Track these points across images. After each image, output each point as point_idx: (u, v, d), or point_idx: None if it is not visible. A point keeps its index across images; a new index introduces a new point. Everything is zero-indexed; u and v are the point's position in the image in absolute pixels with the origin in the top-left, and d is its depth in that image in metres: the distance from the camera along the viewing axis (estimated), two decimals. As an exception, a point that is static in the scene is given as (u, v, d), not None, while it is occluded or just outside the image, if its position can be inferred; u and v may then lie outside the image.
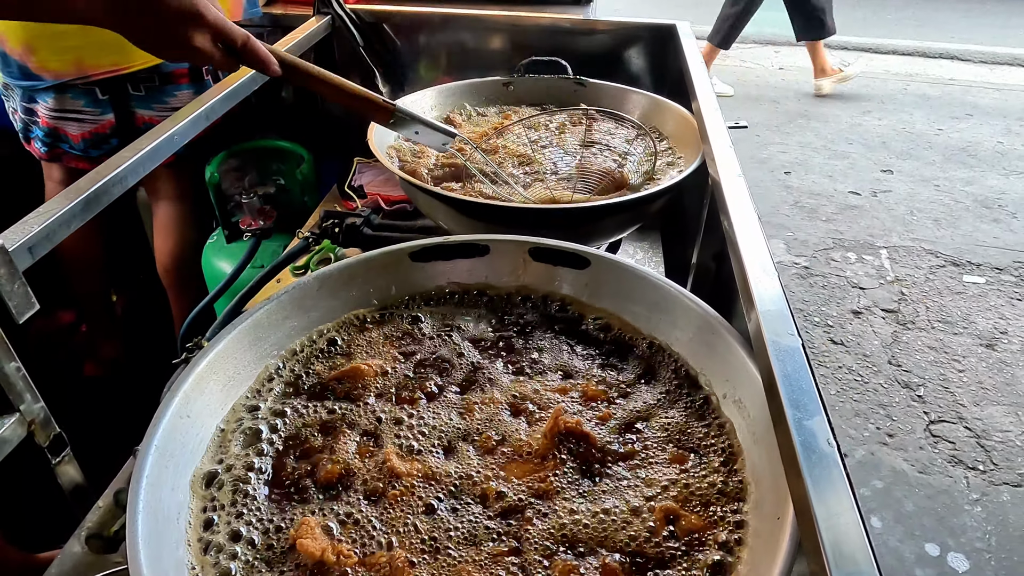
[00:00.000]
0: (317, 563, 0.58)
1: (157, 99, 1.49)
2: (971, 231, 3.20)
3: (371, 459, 0.68)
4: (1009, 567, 1.73)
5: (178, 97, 1.52)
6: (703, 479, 0.65)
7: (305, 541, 0.59)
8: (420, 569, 0.58)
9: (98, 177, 0.87)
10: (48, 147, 1.48)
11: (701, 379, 0.75)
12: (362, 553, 0.60)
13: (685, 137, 1.28)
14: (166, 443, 0.62)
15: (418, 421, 0.72)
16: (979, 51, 5.75)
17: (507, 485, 0.65)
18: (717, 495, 0.64)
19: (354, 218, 1.36)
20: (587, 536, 0.61)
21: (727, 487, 0.64)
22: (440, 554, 0.60)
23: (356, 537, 0.61)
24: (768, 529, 0.57)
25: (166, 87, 1.49)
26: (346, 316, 0.85)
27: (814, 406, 0.56)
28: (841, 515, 0.47)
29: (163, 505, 0.59)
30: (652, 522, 0.61)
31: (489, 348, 0.82)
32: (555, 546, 0.60)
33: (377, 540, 0.61)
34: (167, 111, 1.51)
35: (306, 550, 0.59)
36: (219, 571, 0.58)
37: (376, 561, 0.59)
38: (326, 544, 0.59)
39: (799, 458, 0.51)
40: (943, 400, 2.23)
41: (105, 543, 0.77)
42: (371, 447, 0.70)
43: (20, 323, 0.72)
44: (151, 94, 1.48)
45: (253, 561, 0.59)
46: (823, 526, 0.47)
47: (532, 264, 0.89)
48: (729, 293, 0.87)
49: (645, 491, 0.64)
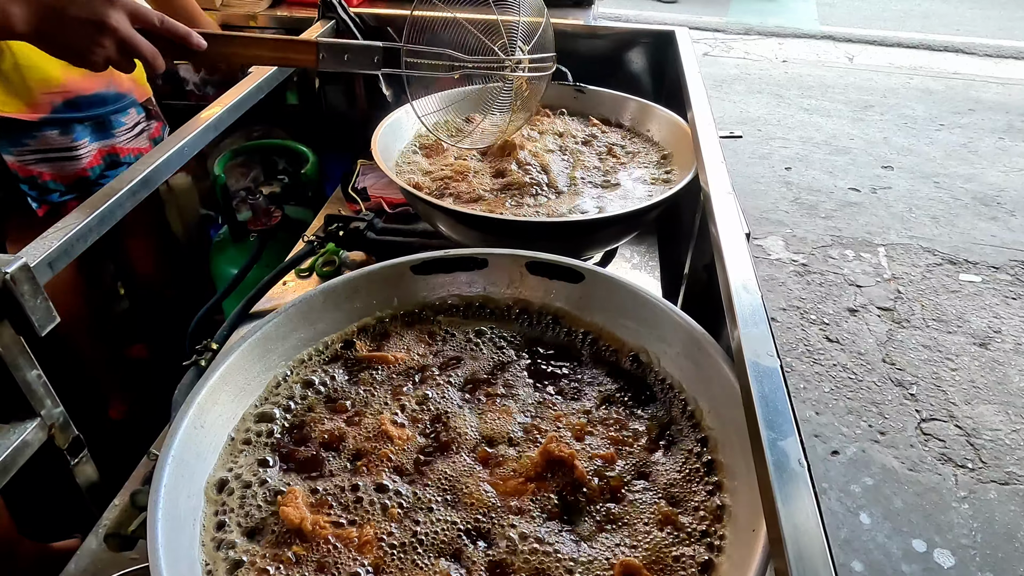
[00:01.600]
0: (295, 529, 0.65)
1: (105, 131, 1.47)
2: (969, 229, 3.23)
3: (362, 426, 0.76)
4: (994, 563, 1.78)
5: (39, 139, 1.40)
6: (681, 543, 0.66)
7: (287, 509, 0.66)
8: (384, 551, 0.64)
9: (111, 192, 0.91)
10: (37, 201, 1.40)
11: (687, 395, 0.79)
12: (335, 526, 0.66)
13: (681, 146, 1.31)
14: (182, 453, 0.66)
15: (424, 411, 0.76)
16: (984, 44, 5.73)
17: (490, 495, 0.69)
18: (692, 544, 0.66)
19: (358, 222, 1.40)
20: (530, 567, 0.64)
21: (707, 512, 0.68)
22: (401, 548, 0.65)
23: (337, 513, 0.68)
24: (744, 540, 0.62)
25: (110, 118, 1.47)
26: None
27: (788, 427, 0.60)
28: (808, 532, 0.52)
29: (179, 511, 0.63)
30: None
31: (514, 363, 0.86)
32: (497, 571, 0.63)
33: (351, 518, 0.67)
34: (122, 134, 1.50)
35: (287, 517, 0.66)
36: (228, 563, 0.63)
37: (347, 536, 0.65)
38: (306, 514, 0.66)
39: (771, 477, 0.55)
40: (935, 398, 2.27)
41: (122, 541, 0.81)
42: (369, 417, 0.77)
43: (42, 336, 0.76)
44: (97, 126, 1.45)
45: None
46: (789, 541, 0.51)
47: (528, 277, 0.93)
48: (719, 304, 0.91)
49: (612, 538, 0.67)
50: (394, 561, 0.64)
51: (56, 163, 1.39)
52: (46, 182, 1.40)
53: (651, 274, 1.35)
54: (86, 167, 1.42)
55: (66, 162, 1.40)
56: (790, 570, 0.49)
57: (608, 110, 1.50)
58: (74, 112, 1.38)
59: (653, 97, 1.60)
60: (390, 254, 1.32)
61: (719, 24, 6.22)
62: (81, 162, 1.41)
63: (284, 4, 1.82)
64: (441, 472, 0.71)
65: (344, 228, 1.39)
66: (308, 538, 0.65)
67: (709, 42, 5.86)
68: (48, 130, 1.36)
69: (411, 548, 0.65)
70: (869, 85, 4.93)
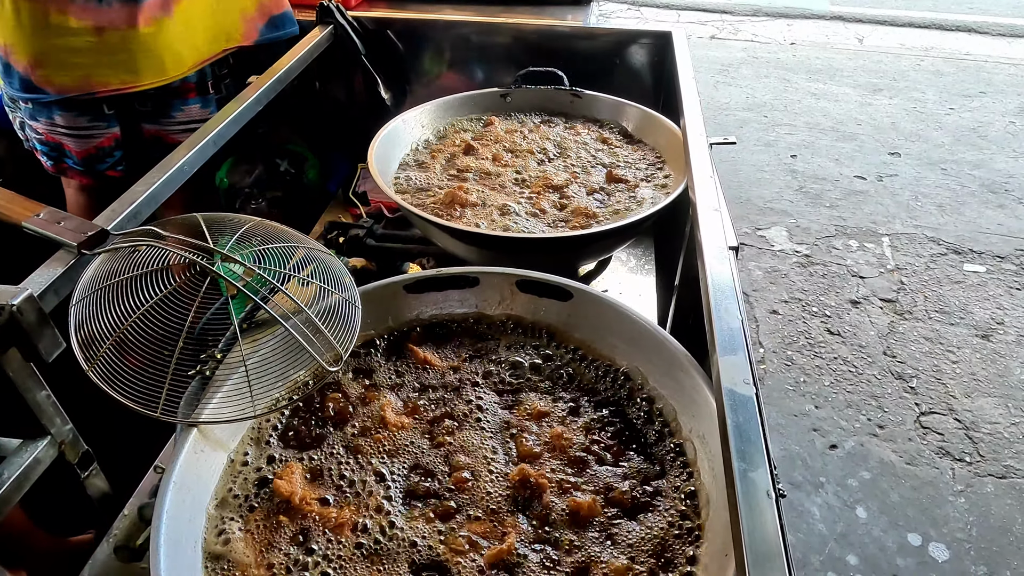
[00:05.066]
0: (284, 502, 0.72)
1: (164, 113, 1.54)
2: (975, 217, 3.21)
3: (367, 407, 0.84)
4: (988, 557, 1.81)
5: (185, 111, 1.55)
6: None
7: (280, 482, 0.73)
8: (358, 533, 0.70)
9: (113, 215, 0.94)
10: (53, 161, 1.52)
11: (666, 413, 0.82)
12: (321, 503, 0.73)
13: (677, 152, 1.31)
14: (183, 478, 0.70)
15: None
16: (997, 23, 5.63)
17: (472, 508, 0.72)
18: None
19: (357, 229, 1.43)
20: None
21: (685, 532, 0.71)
22: (379, 536, 0.71)
23: (328, 491, 0.75)
24: (716, 565, 0.64)
25: (173, 101, 1.53)
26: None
27: (759, 457, 0.62)
28: (771, 562, 0.54)
29: (182, 537, 0.66)
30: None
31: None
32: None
33: (338, 499, 0.74)
34: (173, 124, 1.55)
35: (279, 489, 0.73)
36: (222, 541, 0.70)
37: (327, 514, 0.71)
38: (297, 489, 0.73)
39: (739, 507, 0.58)
40: (935, 392, 2.29)
41: (131, 553, 0.86)
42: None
43: (49, 362, 0.79)
44: (158, 108, 1.53)
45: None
46: (752, 572, 0.54)
47: (519, 295, 0.95)
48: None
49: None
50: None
51: (78, 139, 1.50)
52: (65, 150, 1.52)
53: (646, 277, 1.36)
54: (99, 144, 1.53)
55: (84, 139, 1.51)
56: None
57: (605, 114, 1.51)
58: None
59: (651, 98, 1.61)
60: (389, 260, 1.36)
61: (727, 5, 6.14)
62: (94, 140, 1.52)
63: (283, 7, 1.82)
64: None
65: (344, 235, 1.42)
66: (292, 509, 0.72)
67: (716, 24, 5.79)
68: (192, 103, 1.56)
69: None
70: (878, 68, 4.86)
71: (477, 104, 1.51)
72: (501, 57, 1.73)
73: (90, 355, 0.73)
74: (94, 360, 0.73)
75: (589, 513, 0.72)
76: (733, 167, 3.60)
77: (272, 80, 1.36)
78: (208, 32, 1.51)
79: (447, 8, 1.85)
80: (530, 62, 1.55)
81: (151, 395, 0.73)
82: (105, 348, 0.73)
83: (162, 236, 0.82)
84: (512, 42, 1.71)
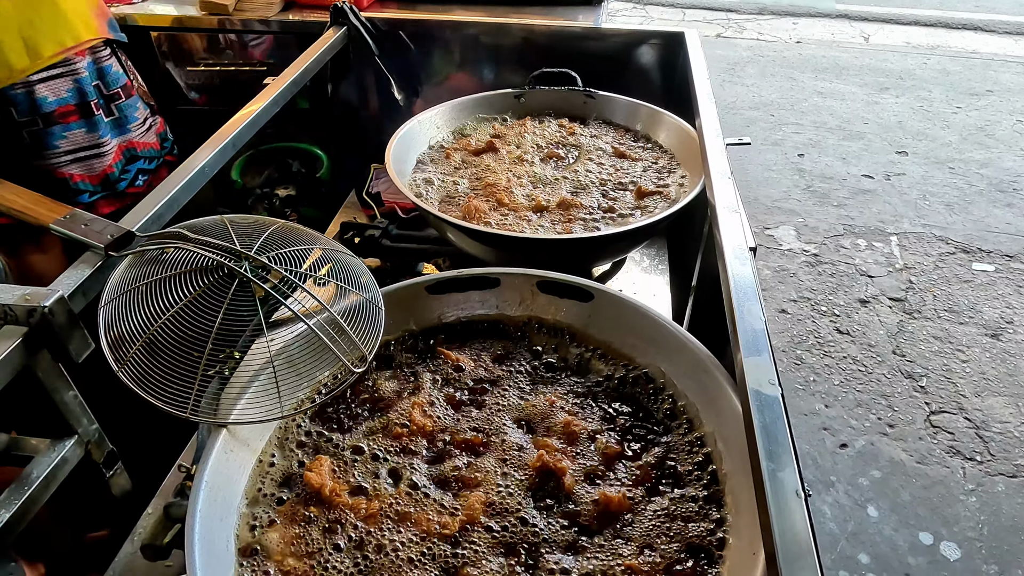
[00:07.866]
0: (314, 493, 0.74)
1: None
2: (983, 216, 3.20)
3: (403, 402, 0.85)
4: (999, 555, 1.81)
5: (68, 139, 1.39)
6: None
7: (311, 474, 0.75)
8: (386, 522, 0.72)
9: (137, 217, 0.94)
10: None
11: (691, 414, 0.82)
12: (351, 495, 0.74)
13: (691, 153, 1.32)
14: (214, 478, 0.71)
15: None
16: (1004, 21, 5.62)
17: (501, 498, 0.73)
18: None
19: (373, 230, 1.43)
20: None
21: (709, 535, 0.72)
22: (406, 522, 0.73)
23: (356, 483, 0.77)
24: (745, 565, 0.65)
25: (51, 128, 1.37)
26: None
27: (787, 457, 0.63)
28: (802, 560, 0.55)
29: (214, 536, 0.67)
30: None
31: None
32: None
33: (367, 493, 0.75)
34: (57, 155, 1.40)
35: (309, 481, 0.74)
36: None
37: (356, 505, 0.73)
38: (326, 481, 0.74)
39: (769, 507, 0.59)
40: (945, 391, 2.29)
41: (156, 551, 0.86)
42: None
43: (79, 362, 0.80)
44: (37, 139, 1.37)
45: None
46: (785, 570, 0.54)
47: (539, 296, 0.96)
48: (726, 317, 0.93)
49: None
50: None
51: (85, 162, 1.43)
52: (76, 183, 1.44)
53: (660, 277, 1.37)
54: (111, 164, 1.46)
55: (94, 160, 1.44)
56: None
57: (618, 115, 1.51)
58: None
59: (663, 99, 1.61)
60: (405, 260, 1.36)
61: (732, 3, 6.13)
62: (105, 160, 1.45)
63: (296, 8, 1.83)
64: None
65: (360, 235, 1.43)
66: (323, 501, 0.73)
67: (722, 22, 5.79)
68: (75, 128, 1.38)
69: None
70: (884, 67, 4.86)
71: (491, 105, 1.52)
72: (512, 58, 1.73)
73: (120, 356, 0.74)
74: (124, 361, 0.74)
75: (619, 508, 0.73)
76: (740, 166, 3.61)
77: (288, 82, 1.37)
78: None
79: (457, 9, 1.85)
80: (541, 62, 1.55)
81: (180, 396, 0.74)
82: (135, 349, 0.74)
83: (188, 238, 0.82)
84: (523, 43, 1.72)
